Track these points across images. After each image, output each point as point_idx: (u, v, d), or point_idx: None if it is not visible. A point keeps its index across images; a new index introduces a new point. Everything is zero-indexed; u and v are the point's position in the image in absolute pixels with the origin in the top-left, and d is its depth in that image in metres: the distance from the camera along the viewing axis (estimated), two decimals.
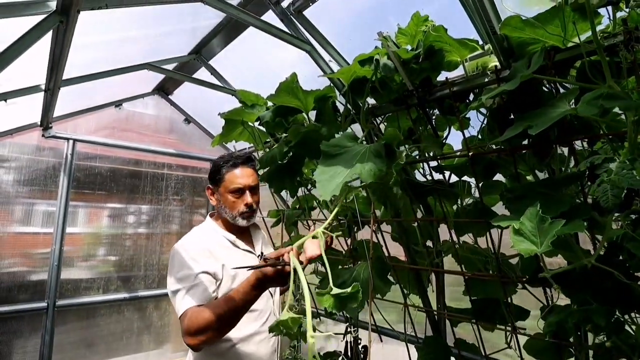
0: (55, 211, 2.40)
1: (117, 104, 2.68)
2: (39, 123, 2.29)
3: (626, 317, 0.97)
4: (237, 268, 1.16)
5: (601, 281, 0.90)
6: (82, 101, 2.48)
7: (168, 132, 3.01)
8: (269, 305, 1.40)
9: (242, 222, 1.34)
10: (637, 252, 0.73)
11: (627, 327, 0.98)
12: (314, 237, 1.16)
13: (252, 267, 1.06)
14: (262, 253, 1.42)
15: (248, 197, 1.33)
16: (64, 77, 1.60)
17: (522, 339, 1.28)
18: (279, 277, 1.03)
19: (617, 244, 0.89)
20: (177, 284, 1.18)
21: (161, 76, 2.56)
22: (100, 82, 2.06)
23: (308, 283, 0.93)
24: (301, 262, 0.99)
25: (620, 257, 0.94)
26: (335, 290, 0.91)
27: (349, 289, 0.89)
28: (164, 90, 2.80)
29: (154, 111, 2.92)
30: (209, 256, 1.25)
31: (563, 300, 1.14)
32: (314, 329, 2.43)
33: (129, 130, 2.80)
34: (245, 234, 1.43)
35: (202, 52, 2.12)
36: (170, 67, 2.23)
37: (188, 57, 2.14)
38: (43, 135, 2.36)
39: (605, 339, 0.98)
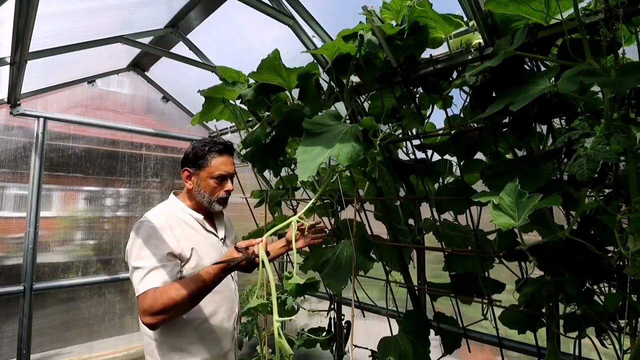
0: (27, 194, 2.31)
1: (90, 80, 2.55)
2: (6, 100, 2.16)
3: (595, 287, 1.03)
4: (217, 264, 1.16)
5: (574, 254, 0.95)
6: (52, 77, 2.34)
7: (145, 112, 2.90)
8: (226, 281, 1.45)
9: (218, 207, 1.39)
10: (609, 223, 0.76)
11: (595, 298, 1.04)
12: (287, 226, 1.22)
13: (227, 262, 1.13)
14: (224, 237, 1.47)
15: (229, 185, 1.39)
16: (31, 49, 1.51)
17: (498, 311, 1.34)
18: (249, 267, 1.15)
19: (589, 218, 0.93)
20: (141, 262, 1.18)
21: (136, 51, 2.44)
22: (71, 56, 1.94)
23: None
24: (268, 253, 1.09)
25: (592, 232, 0.99)
26: (296, 279, 1.02)
27: (306, 280, 1.00)
28: (139, 66, 2.68)
29: (130, 89, 2.80)
30: (174, 236, 1.26)
31: (537, 275, 1.19)
32: (298, 307, 2.44)
33: (104, 108, 2.68)
34: (209, 217, 1.46)
35: (179, 26, 2.03)
36: (145, 40, 2.12)
37: (164, 31, 2.04)
38: (11, 113, 2.23)
39: (576, 308, 1.03)
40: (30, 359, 2.26)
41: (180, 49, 2.18)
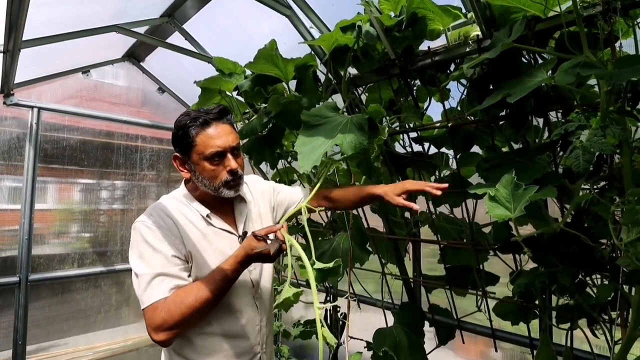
0: (22, 186, 2.28)
1: (85, 70, 2.52)
2: None
3: (588, 279, 1.04)
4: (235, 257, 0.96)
5: (568, 246, 0.96)
6: (46, 67, 2.31)
7: (141, 103, 2.87)
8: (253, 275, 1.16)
9: (228, 193, 1.06)
10: (603, 214, 0.77)
11: (588, 290, 1.05)
12: (299, 212, 1.14)
13: (250, 254, 0.95)
14: (245, 233, 1.15)
15: (231, 161, 1.04)
16: (25, 37, 1.49)
17: (492, 303, 1.35)
18: (274, 256, 0.94)
19: (583, 210, 0.93)
20: (143, 267, 0.97)
21: (131, 41, 2.41)
22: (66, 45, 1.92)
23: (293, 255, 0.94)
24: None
25: (586, 225, 1.00)
26: (318, 265, 0.92)
27: (331, 264, 0.90)
28: (134, 56, 2.65)
29: (125, 80, 2.76)
30: (178, 235, 1.03)
31: (530, 268, 1.20)
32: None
33: (99, 99, 2.65)
34: (226, 206, 1.15)
35: (175, 15, 2.00)
36: (141, 30, 2.09)
37: (160, 20, 2.02)
38: (4, 103, 2.20)
39: (568, 299, 1.05)
40: (26, 350, 2.26)
41: (176, 39, 2.16)
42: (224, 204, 1.13)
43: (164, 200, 1.11)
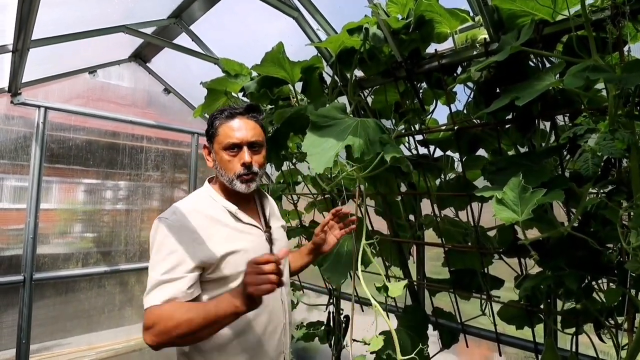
0: (28, 185, 2.30)
1: (92, 70, 2.53)
2: (7, 89, 2.14)
3: (594, 284, 1.03)
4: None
5: (574, 249, 0.95)
6: (53, 66, 2.33)
7: (147, 104, 2.88)
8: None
9: (240, 187, 1.07)
10: (612, 217, 0.77)
11: (594, 295, 1.05)
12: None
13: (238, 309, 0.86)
14: (269, 227, 1.16)
15: (245, 154, 1.06)
16: (34, 37, 1.50)
17: (496, 307, 1.35)
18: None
19: (590, 214, 0.93)
20: (152, 269, 0.97)
21: (138, 43, 2.43)
22: (73, 46, 1.93)
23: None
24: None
25: (592, 229, 1.00)
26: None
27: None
28: (141, 57, 2.66)
29: (131, 81, 2.78)
30: (195, 239, 1.00)
31: (535, 272, 1.20)
32: (298, 301, 2.45)
33: (105, 100, 2.67)
34: (250, 203, 1.16)
35: (182, 16, 2.02)
36: (148, 31, 2.11)
37: (167, 21, 2.03)
38: (12, 102, 2.21)
39: (574, 304, 1.04)
40: (30, 349, 2.26)
41: (182, 40, 2.17)
42: (248, 200, 1.16)
43: (191, 198, 1.12)
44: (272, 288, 0.83)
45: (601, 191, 0.84)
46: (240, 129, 1.07)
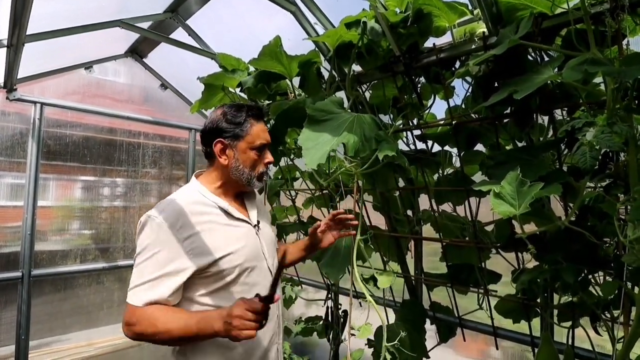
0: (25, 182, 2.29)
1: (88, 66, 2.51)
2: (2, 84, 2.13)
3: (591, 277, 1.04)
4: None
5: (571, 243, 0.95)
6: (49, 62, 2.31)
7: (143, 100, 2.86)
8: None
9: (257, 185, 1.15)
10: (609, 211, 0.77)
11: (590, 289, 1.05)
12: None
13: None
14: (258, 222, 1.18)
15: (269, 155, 1.15)
16: (29, 31, 1.48)
17: (493, 301, 1.35)
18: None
19: (588, 208, 0.93)
20: (137, 268, 0.98)
21: (134, 38, 2.41)
22: (69, 41, 1.92)
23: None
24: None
25: (589, 223, 1.00)
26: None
27: None
28: (137, 52, 2.64)
29: (128, 77, 2.76)
30: (184, 238, 0.99)
31: (533, 266, 1.20)
32: (296, 296, 2.45)
33: (102, 96, 2.65)
34: (238, 199, 1.20)
35: (178, 11, 2.00)
36: (144, 25, 2.09)
37: (163, 16, 2.01)
38: (7, 98, 2.20)
39: (570, 297, 1.05)
40: (29, 345, 2.26)
41: (179, 35, 2.16)
42: (238, 196, 1.19)
43: (179, 194, 1.11)
44: (254, 334, 0.87)
45: (599, 185, 0.84)
46: (265, 130, 1.15)
